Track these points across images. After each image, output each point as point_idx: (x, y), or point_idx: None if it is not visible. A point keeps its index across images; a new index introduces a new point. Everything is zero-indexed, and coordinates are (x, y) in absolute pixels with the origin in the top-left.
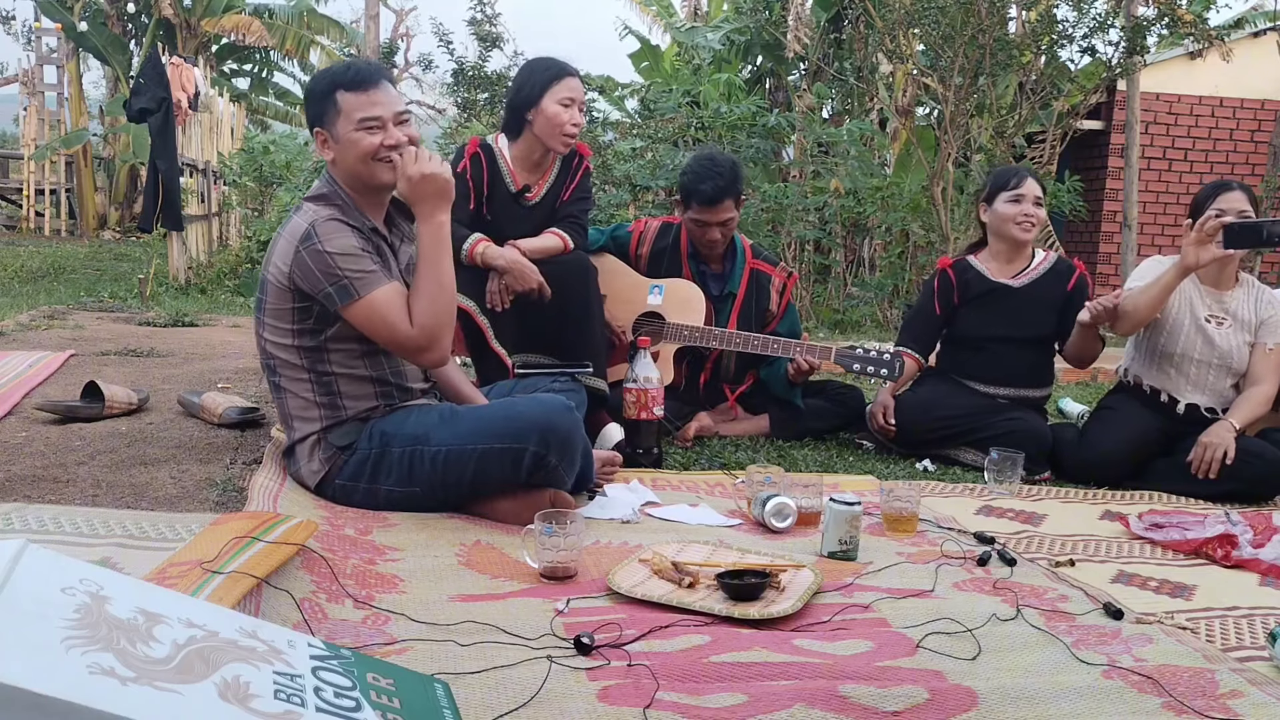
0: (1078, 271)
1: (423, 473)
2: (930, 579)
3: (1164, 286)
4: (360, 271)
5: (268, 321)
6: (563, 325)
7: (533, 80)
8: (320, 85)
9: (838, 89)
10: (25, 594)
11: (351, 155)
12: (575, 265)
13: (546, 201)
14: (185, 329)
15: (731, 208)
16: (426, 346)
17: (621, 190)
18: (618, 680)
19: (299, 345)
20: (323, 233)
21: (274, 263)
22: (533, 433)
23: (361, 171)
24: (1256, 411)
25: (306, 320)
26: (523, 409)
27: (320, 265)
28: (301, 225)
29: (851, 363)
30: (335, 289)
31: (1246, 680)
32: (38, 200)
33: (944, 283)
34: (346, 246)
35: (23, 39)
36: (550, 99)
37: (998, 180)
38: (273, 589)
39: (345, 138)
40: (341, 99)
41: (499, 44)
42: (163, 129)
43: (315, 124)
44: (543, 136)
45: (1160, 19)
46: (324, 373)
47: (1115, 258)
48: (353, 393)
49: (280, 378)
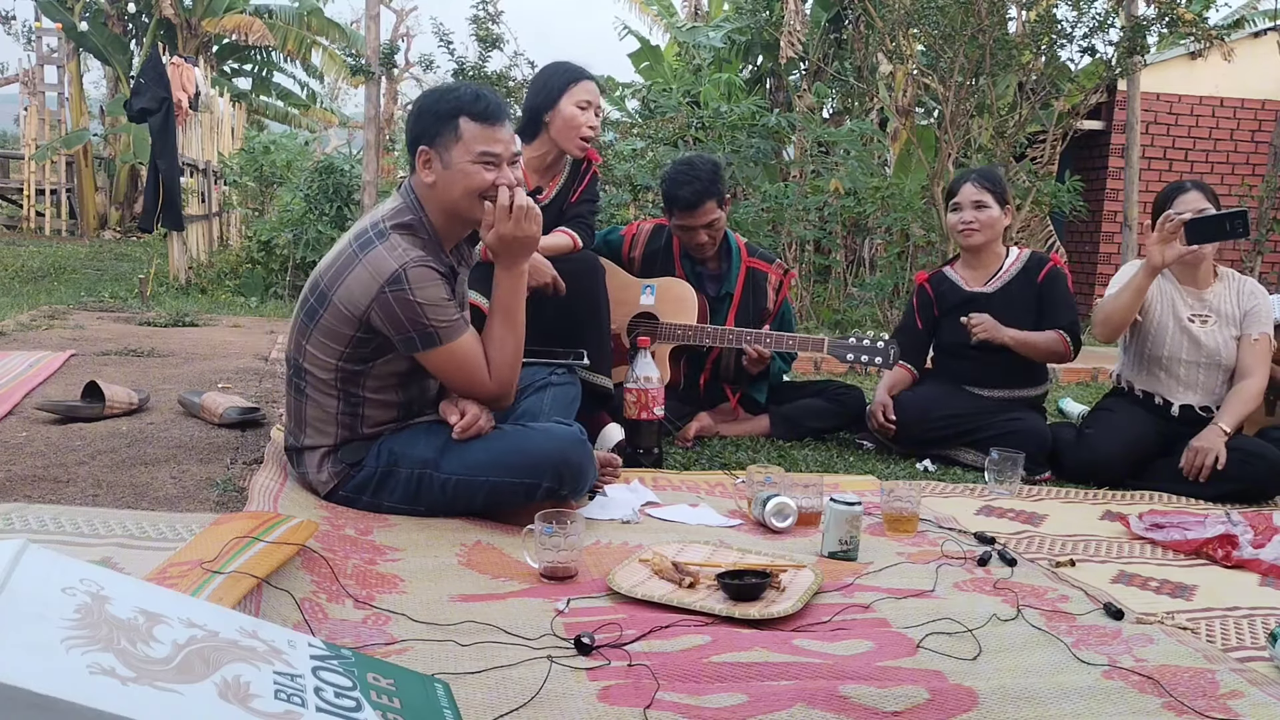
0: (1049, 264)
1: (429, 497)
2: (930, 579)
3: (1136, 289)
4: (447, 322)
5: (316, 336)
6: (573, 322)
7: (551, 83)
8: (443, 106)
9: (838, 89)
10: (25, 594)
11: (461, 186)
12: (585, 263)
13: (555, 203)
14: (186, 329)
15: (714, 209)
16: (500, 396)
17: (622, 190)
18: (618, 680)
19: (341, 366)
20: (414, 280)
21: (347, 287)
22: (547, 468)
23: (462, 206)
24: (1247, 408)
25: (363, 349)
26: (538, 442)
27: (408, 314)
28: (390, 265)
29: (845, 352)
30: (419, 335)
31: (1247, 680)
32: (38, 200)
33: (922, 297)
34: (436, 298)
35: (23, 39)
36: (568, 100)
37: (947, 191)
38: (273, 589)
39: (459, 167)
40: (465, 127)
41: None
42: (163, 129)
43: (423, 141)
44: (559, 138)
45: (1161, 18)
46: (353, 395)
47: (1115, 258)
48: (376, 416)
49: (306, 384)
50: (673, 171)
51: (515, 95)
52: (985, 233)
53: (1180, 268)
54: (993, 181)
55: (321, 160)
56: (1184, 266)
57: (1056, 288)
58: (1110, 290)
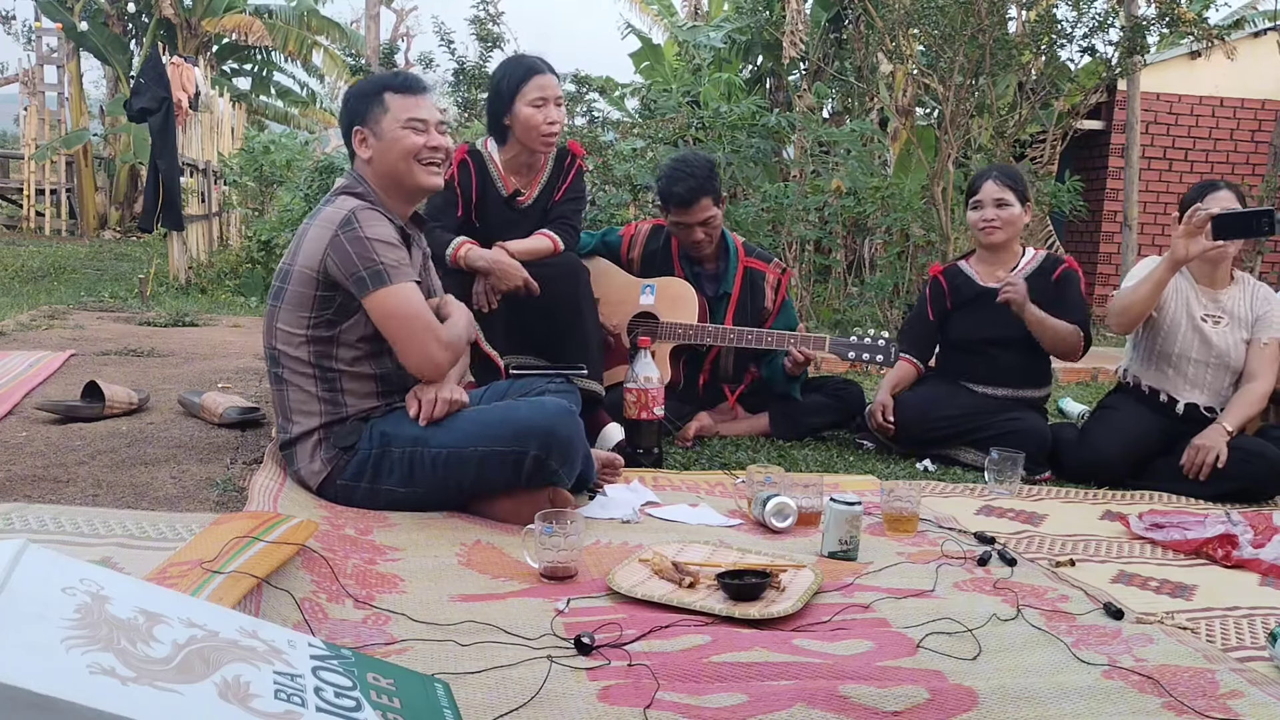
0: (1064, 265)
1: (424, 474)
2: (930, 579)
3: (1156, 282)
4: (395, 262)
5: (284, 312)
6: (552, 326)
7: (501, 86)
8: (367, 86)
9: (838, 89)
10: (25, 594)
11: (394, 152)
12: (564, 266)
13: (539, 204)
14: (185, 329)
15: (710, 206)
16: (451, 358)
17: (621, 190)
18: (618, 680)
19: (310, 337)
20: (363, 219)
21: (305, 251)
22: (533, 437)
23: (401, 170)
24: (1251, 410)
25: (326, 310)
26: (524, 413)
27: (358, 249)
28: (339, 212)
29: (846, 350)
30: (369, 273)
31: (1247, 680)
32: (38, 200)
33: (935, 289)
34: (386, 234)
35: (23, 39)
36: (521, 102)
37: (968, 187)
38: (273, 589)
39: (389, 135)
40: (389, 99)
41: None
42: (163, 129)
43: (355, 122)
44: (523, 140)
45: (1161, 18)
46: (329, 369)
47: (1116, 258)
48: (355, 390)
49: (284, 370)
50: (668, 169)
51: None
52: (1006, 230)
53: (1199, 266)
54: (1014, 179)
55: (321, 160)
56: (1203, 265)
57: (1070, 288)
58: (1125, 284)
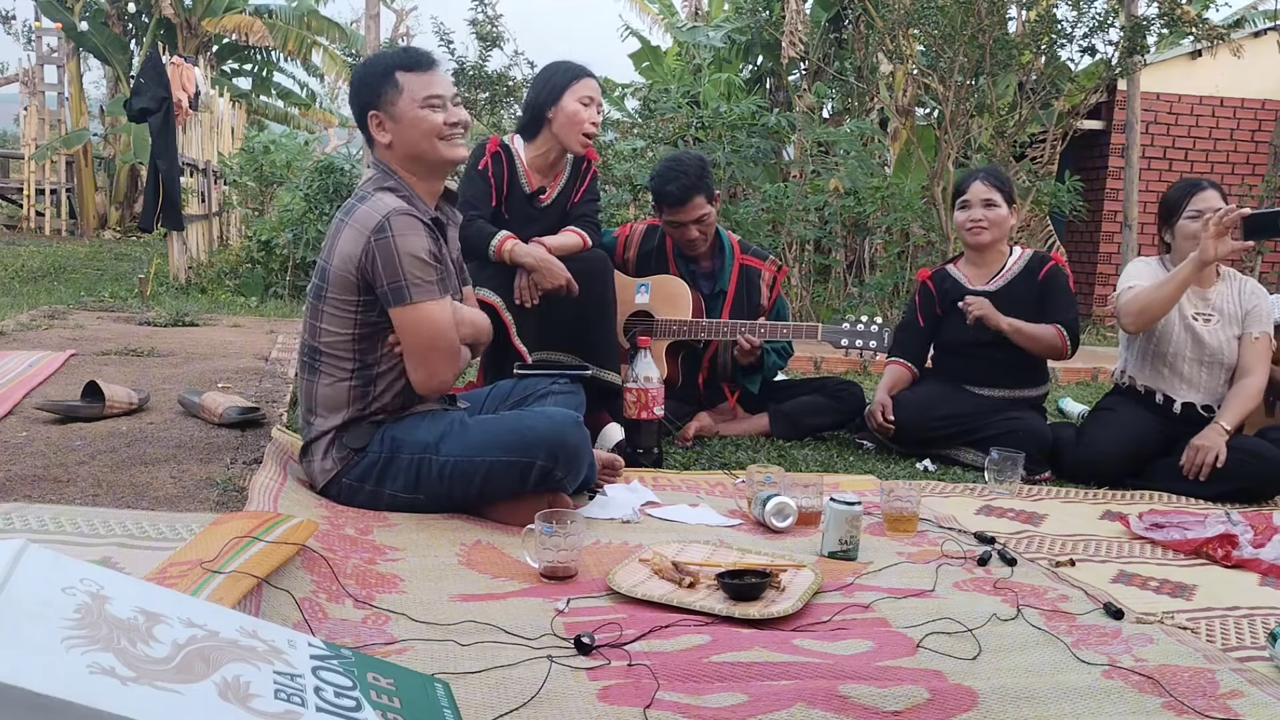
0: (1050, 263)
1: (429, 482)
2: (930, 579)
3: (1180, 282)
4: (420, 280)
5: (328, 311)
6: (584, 322)
7: (554, 80)
8: (376, 69)
9: (838, 89)
10: (25, 594)
11: (416, 133)
12: (595, 262)
13: (558, 203)
14: (185, 329)
15: (703, 204)
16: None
17: (622, 190)
18: (618, 680)
19: (357, 334)
20: (397, 228)
21: (340, 252)
22: (541, 447)
23: (425, 149)
24: (1247, 406)
25: (371, 311)
26: (532, 423)
27: (387, 263)
28: (374, 216)
29: (839, 338)
30: (392, 290)
31: (1247, 680)
32: (38, 200)
33: (924, 294)
34: (416, 248)
35: (23, 39)
36: (570, 97)
37: (956, 188)
38: (273, 589)
39: (407, 116)
40: (402, 79)
41: (499, 44)
42: (163, 129)
43: (369, 108)
44: (561, 135)
45: (1162, 17)
46: (368, 368)
47: (1116, 258)
48: (384, 396)
49: (321, 362)
50: (660, 168)
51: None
52: (993, 231)
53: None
54: (1001, 180)
55: (321, 160)
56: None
57: (1057, 285)
58: (1122, 285)
